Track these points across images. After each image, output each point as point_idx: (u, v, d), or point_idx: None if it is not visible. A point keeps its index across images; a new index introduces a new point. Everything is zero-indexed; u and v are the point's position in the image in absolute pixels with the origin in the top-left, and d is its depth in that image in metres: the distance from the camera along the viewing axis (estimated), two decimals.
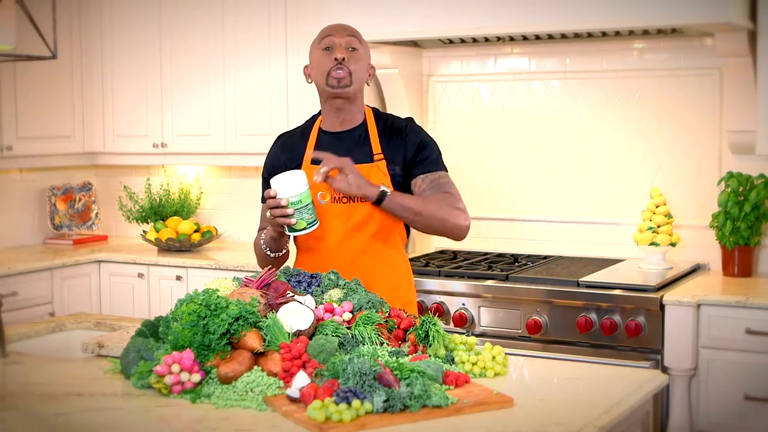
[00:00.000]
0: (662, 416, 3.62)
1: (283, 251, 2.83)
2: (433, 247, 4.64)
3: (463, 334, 3.43)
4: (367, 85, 2.88)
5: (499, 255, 4.42)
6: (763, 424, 3.45)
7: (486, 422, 1.99)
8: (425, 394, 2.02)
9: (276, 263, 2.83)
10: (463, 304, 3.89)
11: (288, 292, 2.43)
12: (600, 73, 4.34)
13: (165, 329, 2.35)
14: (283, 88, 4.73)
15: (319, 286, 2.56)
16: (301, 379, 2.07)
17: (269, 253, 2.81)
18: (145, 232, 5.08)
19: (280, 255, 2.83)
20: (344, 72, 2.76)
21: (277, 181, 2.62)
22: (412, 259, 4.18)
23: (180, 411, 2.09)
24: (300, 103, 4.67)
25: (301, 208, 2.60)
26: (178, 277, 4.71)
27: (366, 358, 2.10)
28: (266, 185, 2.91)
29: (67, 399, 2.20)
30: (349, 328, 2.38)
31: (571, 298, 3.69)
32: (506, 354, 2.40)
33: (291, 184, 2.60)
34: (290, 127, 3.90)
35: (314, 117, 2.95)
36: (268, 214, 2.64)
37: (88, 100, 5.27)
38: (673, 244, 4.01)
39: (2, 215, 5.15)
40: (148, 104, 5.15)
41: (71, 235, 5.35)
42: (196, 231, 5.01)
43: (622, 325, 3.60)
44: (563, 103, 4.43)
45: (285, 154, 2.91)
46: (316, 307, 2.41)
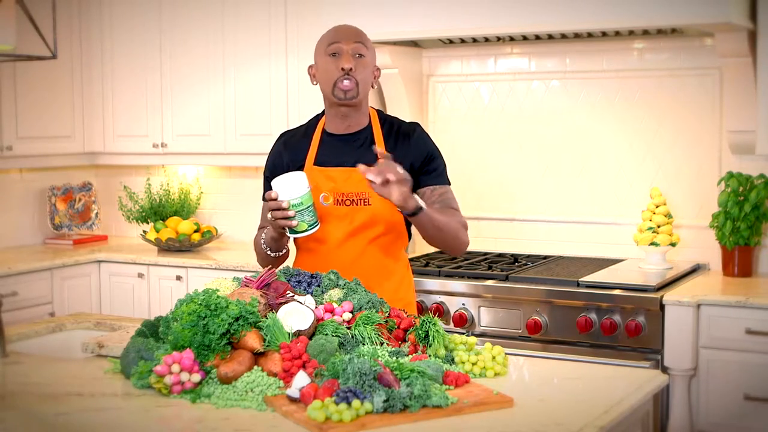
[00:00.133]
0: (662, 416, 3.62)
1: (283, 251, 2.83)
2: (433, 247, 4.64)
3: (463, 334, 3.43)
4: (373, 87, 2.86)
5: (499, 255, 4.42)
6: (763, 424, 3.45)
7: (486, 422, 1.99)
8: (425, 394, 2.02)
9: (276, 262, 2.83)
10: (463, 304, 3.89)
11: (288, 292, 2.43)
12: (600, 73, 4.34)
13: (165, 329, 2.35)
14: (283, 88, 4.73)
15: (319, 286, 2.56)
16: (301, 379, 2.07)
17: (269, 253, 2.81)
18: (145, 232, 5.08)
19: (280, 255, 2.83)
20: (351, 83, 2.74)
21: (279, 182, 2.62)
22: (412, 259, 4.18)
23: (180, 411, 2.09)
24: (300, 103, 4.67)
25: (302, 210, 2.60)
26: (178, 277, 4.71)
27: (366, 358, 2.10)
28: (267, 184, 2.91)
29: (67, 399, 2.20)
30: (349, 328, 2.38)
31: (571, 298, 3.69)
32: (506, 354, 2.40)
33: (292, 186, 2.60)
34: (290, 127, 3.90)
35: (318, 117, 2.93)
36: (269, 215, 2.64)
37: (88, 100, 5.27)
38: (673, 244, 4.01)
39: (2, 215, 5.15)
40: (148, 104, 5.15)
41: (71, 235, 5.35)
42: (196, 231, 5.00)
43: (622, 325, 3.60)
44: (563, 103, 4.43)
45: (288, 154, 2.89)
46: (316, 307, 2.41)
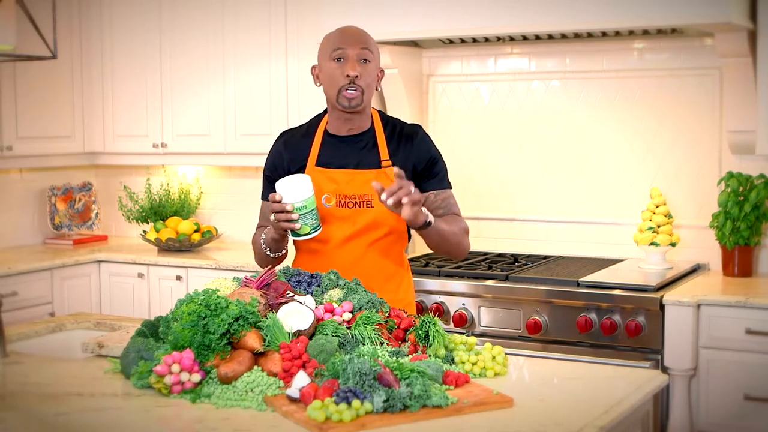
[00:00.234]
0: (662, 416, 3.62)
1: (283, 251, 2.83)
2: None
3: (463, 334, 3.43)
4: (377, 90, 2.83)
5: (499, 255, 4.42)
6: (763, 424, 3.45)
7: (486, 422, 1.99)
8: (425, 394, 2.02)
9: (274, 263, 2.83)
10: (463, 304, 3.89)
11: (288, 292, 2.43)
12: (600, 73, 4.34)
13: (165, 329, 2.35)
14: (283, 88, 4.73)
15: (319, 286, 2.56)
16: (301, 379, 2.07)
17: (269, 253, 2.81)
18: (145, 232, 5.08)
19: (279, 255, 2.83)
20: (356, 92, 2.72)
21: (283, 185, 2.61)
22: (412, 259, 4.18)
23: (180, 411, 2.09)
24: (300, 103, 4.67)
25: (306, 214, 2.60)
26: (178, 277, 4.71)
27: (366, 358, 2.09)
28: (267, 183, 2.90)
29: (67, 399, 2.20)
30: (349, 328, 2.38)
31: (571, 298, 3.69)
32: (506, 354, 2.40)
33: (297, 189, 2.59)
34: (290, 127, 3.89)
35: (319, 116, 2.91)
36: (272, 217, 2.63)
37: (88, 100, 5.27)
38: (673, 244, 4.01)
39: (2, 215, 5.15)
40: (148, 104, 5.15)
41: (71, 235, 5.35)
42: (196, 231, 5.00)
43: (622, 325, 3.60)
44: (563, 103, 4.43)
45: (288, 153, 2.87)
46: (316, 307, 2.41)
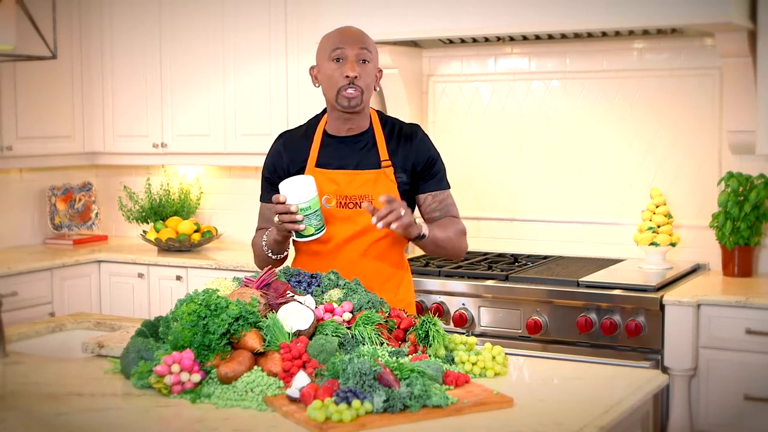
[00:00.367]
0: (662, 416, 3.62)
1: (284, 254, 2.83)
2: None
3: (463, 334, 3.43)
4: (375, 90, 2.83)
5: (499, 255, 4.42)
6: (763, 424, 3.45)
7: (486, 422, 1.99)
8: (425, 394, 2.02)
9: (275, 264, 2.83)
10: (463, 304, 3.89)
11: (288, 292, 2.43)
12: (600, 73, 4.34)
13: (165, 329, 2.35)
14: (283, 88, 4.73)
15: (319, 286, 2.56)
16: (301, 379, 2.07)
17: (270, 255, 2.81)
18: (145, 232, 5.08)
19: (280, 257, 2.83)
20: (356, 92, 2.72)
21: (287, 186, 2.61)
22: (412, 259, 4.18)
23: (180, 411, 2.09)
24: (300, 103, 4.67)
25: (310, 215, 2.60)
26: (178, 277, 4.71)
27: (366, 358, 2.09)
28: (266, 184, 2.90)
29: (67, 399, 2.20)
30: (349, 328, 2.38)
31: (571, 298, 3.69)
32: (506, 354, 2.40)
33: (301, 190, 2.59)
34: (290, 127, 3.90)
35: (318, 117, 2.91)
36: (276, 218, 2.63)
37: (88, 100, 5.27)
38: (673, 244, 4.01)
39: (2, 215, 5.15)
40: (148, 104, 5.14)
41: (71, 235, 5.35)
42: (196, 231, 5.00)
43: (622, 325, 3.60)
44: (563, 103, 4.43)
45: (288, 154, 2.87)
46: (316, 307, 2.41)
